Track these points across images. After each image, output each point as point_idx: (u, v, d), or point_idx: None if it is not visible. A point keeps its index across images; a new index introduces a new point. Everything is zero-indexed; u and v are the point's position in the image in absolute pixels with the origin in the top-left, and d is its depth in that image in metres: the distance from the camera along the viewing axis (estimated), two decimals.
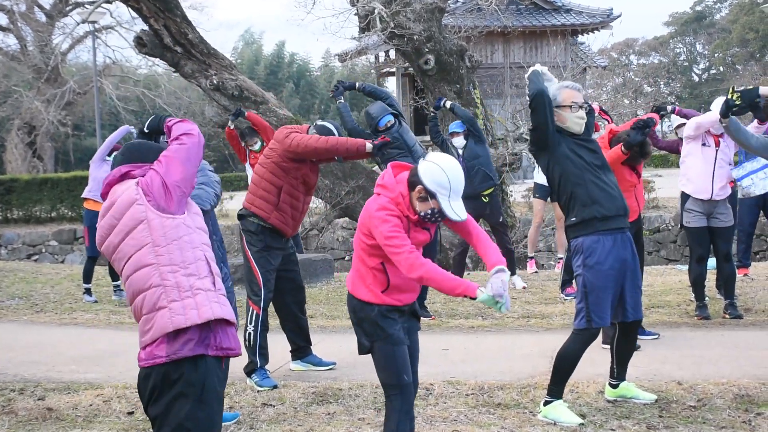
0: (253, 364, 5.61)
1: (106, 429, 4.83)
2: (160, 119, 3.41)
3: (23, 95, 28.50)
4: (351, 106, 34.20)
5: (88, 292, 9.38)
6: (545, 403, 4.71)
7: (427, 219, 3.74)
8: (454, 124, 9.01)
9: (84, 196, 9.13)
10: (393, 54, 26.22)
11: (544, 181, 8.16)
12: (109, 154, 8.51)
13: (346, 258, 15.98)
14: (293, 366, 6.01)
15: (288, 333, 5.98)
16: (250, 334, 5.62)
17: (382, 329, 3.78)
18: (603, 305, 4.56)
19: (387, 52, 28.01)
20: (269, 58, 44.99)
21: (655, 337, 6.49)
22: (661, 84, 43.29)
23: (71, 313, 8.64)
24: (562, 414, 4.62)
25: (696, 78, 60.45)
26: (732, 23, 54.49)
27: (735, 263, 7.66)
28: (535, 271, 10.38)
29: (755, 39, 51.36)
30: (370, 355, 3.93)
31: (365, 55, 27.38)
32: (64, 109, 28.19)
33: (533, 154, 4.83)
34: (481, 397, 5.12)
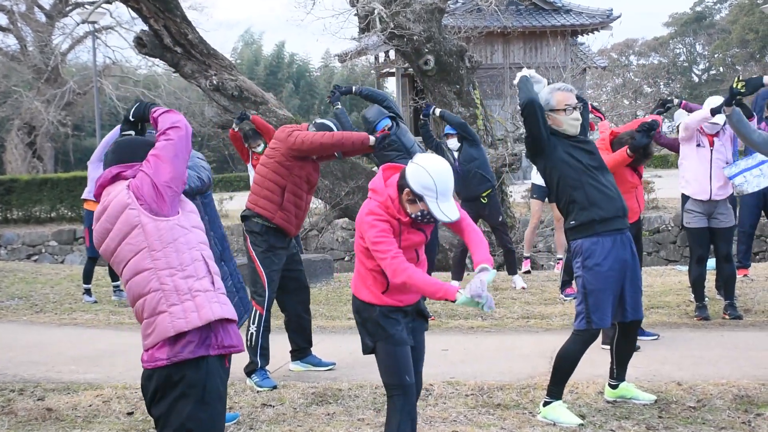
0: (254, 364, 5.61)
1: (105, 429, 4.83)
2: (146, 106, 3.33)
3: (23, 95, 28.48)
4: (350, 107, 34.19)
5: (88, 292, 9.38)
6: (545, 404, 4.71)
7: (418, 221, 3.74)
8: (449, 126, 9.05)
9: (84, 197, 9.14)
10: (393, 54, 26.22)
11: (542, 182, 8.15)
12: None
13: (346, 258, 15.97)
14: (293, 366, 6.01)
15: (291, 333, 5.99)
16: (252, 334, 5.62)
17: (383, 329, 3.79)
18: (603, 306, 4.57)
19: (387, 53, 28.01)
20: (269, 58, 44.96)
21: (654, 337, 6.50)
22: (661, 84, 43.31)
23: (71, 314, 8.64)
24: (562, 414, 4.63)
25: (696, 78, 60.43)
26: (732, 24, 54.49)
27: (735, 264, 7.66)
28: (527, 271, 10.32)
29: (755, 40, 51.37)
30: (369, 356, 3.95)
31: (365, 56, 27.38)
32: (64, 110, 28.18)
33: (530, 159, 4.83)
34: (480, 397, 5.13)
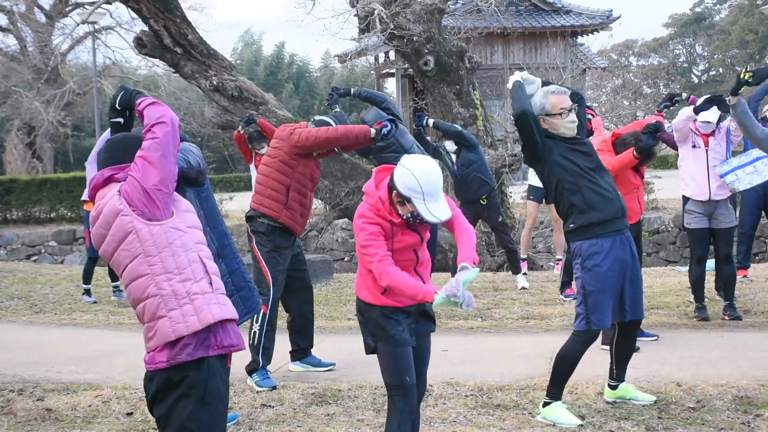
0: (255, 363, 5.62)
1: (105, 430, 4.83)
2: (131, 95, 3.27)
3: (23, 96, 28.47)
4: (350, 108, 34.14)
5: (88, 292, 9.38)
6: (544, 405, 4.71)
7: (410, 222, 3.74)
8: None
9: (83, 198, 9.14)
10: (393, 55, 26.21)
11: (538, 183, 8.15)
12: None
13: (346, 259, 15.97)
14: (292, 367, 6.01)
15: (293, 333, 5.99)
16: (255, 332, 5.63)
17: (383, 330, 3.80)
18: (602, 307, 4.57)
19: (387, 53, 27.98)
20: (269, 58, 44.92)
21: (654, 338, 6.50)
22: (661, 85, 43.32)
23: (70, 314, 8.64)
24: (561, 415, 4.63)
25: (695, 79, 60.41)
26: (731, 25, 54.48)
27: (735, 265, 7.66)
28: (524, 273, 10.30)
29: (754, 40, 51.35)
30: (369, 356, 3.95)
31: (365, 56, 27.34)
32: (64, 110, 28.17)
33: (527, 164, 4.84)
34: (480, 398, 5.13)
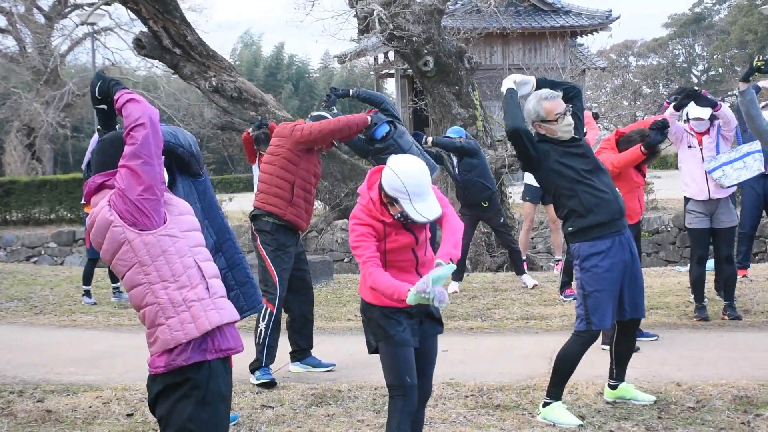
0: (259, 362, 5.64)
1: (105, 431, 4.83)
2: (108, 84, 3.21)
3: (22, 97, 28.43)
4: (349, 108, 34.19)
5: (88, 294, 9.37)
6: (544, 405, 4.71)
7: (402, 221, 3.74)
8: (451, 130, 9.23)
9: (84, 202, 9.13)
10: (392, 56, 26.20)
11: (535, 182, 8.16)
12: None
13: (345, 260, 15.95)
14: (292, 368, 6.01)
15: (293, 334, 5.99)
16: (261, 331, 5.64)
17: (384, 330, 3.80)
18: (602, 308, 4.57)
19: (386, 54, 27.97)
20: (268, 59, 44.88)
21: (654, 338, 6.50)
22: (660, 85, 43.31)
23: (70, 315, 8.64)
24: (561, 415, 4.63)
25: (695, 79, 60.41)
26: (731, 25, 54.50)
27: (735, 265, 7.65)
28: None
29: (754, 41, 51.36)
30: (369, 357, 3.96)
31: (364, 57, 27.34)
32: (63, 111, 28.13)
33: (523, 170, 4.85)
34: (480, 398, 5.13)
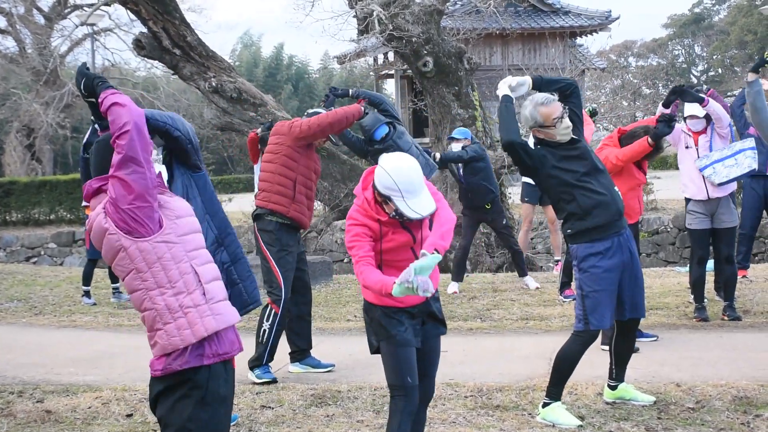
0: (259, 361, 5.66)
1: (104, 431, 4.83)
2: (93, 82, 3.15)
3: (22, 98, 28.43)
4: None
5: (87, 294, 9.37)
6: (544, 405, 4.71)
7: (397, 219, 3.74)
8: (457, 131, 9.25)
9: (85, 204, 9.14)
10: (392, 56, 26.23)
11: (532, 182, 8.18)
12: None
13: (345, 260, 15.95)
14: (292, 368, 6.01)
15: (291, 334, 6.00)
16: (265, 330, 5.65)
17: (385, 329, 3.80)
18: (601, 308, 4.57)
19: (386, 55, 27.99)
20: (268, 60, 44.92)
21: (653, 338, 6.50)
22: (660, 86, 43.33)
23: (70, 316, 8.64)
24: (561, 416, 4.63)
25: (694, 80, 60.37)
26: (730, 25, 54.53)
27: (736, 265, 7.65)
28: None
29: (753, 41, 51.37)
30: (369, 357, 3.96)
31: (364, 57, 27.35)
32: (63, 112, 28.12)
33: (522, 174, 4.85)
34: (479, 399, 5.13)
